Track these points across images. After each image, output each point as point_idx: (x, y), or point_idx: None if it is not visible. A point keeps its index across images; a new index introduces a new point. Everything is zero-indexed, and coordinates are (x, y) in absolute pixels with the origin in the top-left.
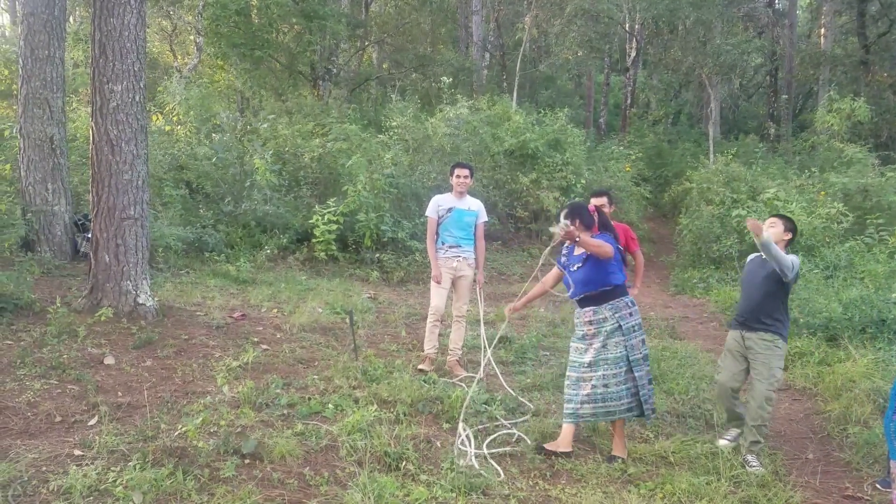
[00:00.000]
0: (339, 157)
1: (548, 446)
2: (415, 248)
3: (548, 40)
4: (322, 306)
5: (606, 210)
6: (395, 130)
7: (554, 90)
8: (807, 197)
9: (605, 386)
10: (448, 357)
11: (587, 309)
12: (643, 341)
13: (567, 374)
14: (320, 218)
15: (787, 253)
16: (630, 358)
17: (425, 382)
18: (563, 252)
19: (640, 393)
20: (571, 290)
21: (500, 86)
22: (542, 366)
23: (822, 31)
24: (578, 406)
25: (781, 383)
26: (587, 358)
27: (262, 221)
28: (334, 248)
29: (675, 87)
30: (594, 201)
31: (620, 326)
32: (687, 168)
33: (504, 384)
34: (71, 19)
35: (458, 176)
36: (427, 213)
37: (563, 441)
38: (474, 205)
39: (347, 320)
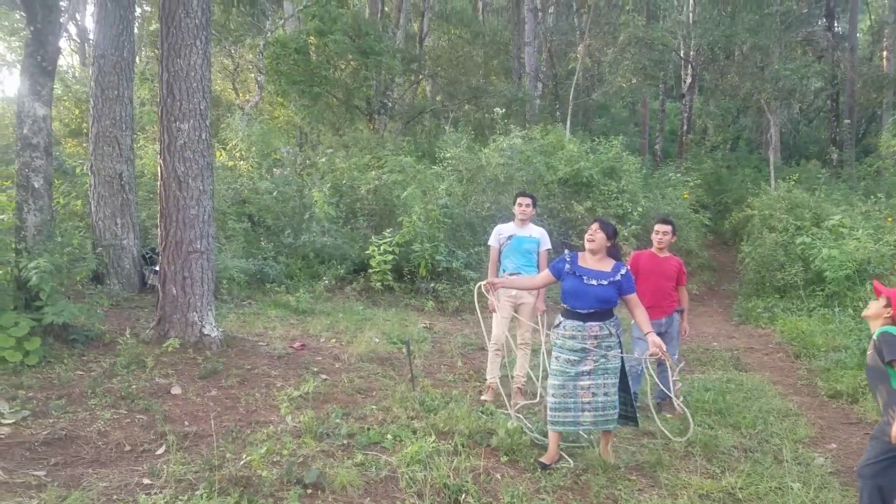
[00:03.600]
0: (395, 188)
1: (544, 460)
2: (469, 278)
3: (601, 69)
4: (379, 336)
5: (670, 238)
6: (449, 161)
7: (608, 118)
8: (873, 223)
9: (606, 394)
10: (512, 385)
11: (593, 324)
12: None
13: (551, 382)
14: (376, 248)
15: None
16: (624, 369)
17: (483, 413)
18: (567, 259)
19: (631, 401)
20: (581, 301)
21: (553, 115)
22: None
23: (885, 53)
24: (579, 414)
25: None
26: (585, 367)
27: (320, 252)
28: (390, 278)
29: (733, 112)
30: (658, 228)
31: (619, 342)
32: (747, 194)
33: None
34: (138, 60)
35: (520, 204)
36: (489, 243)
37: (553, 450)
38: (535, 232)
39: (404, 350)
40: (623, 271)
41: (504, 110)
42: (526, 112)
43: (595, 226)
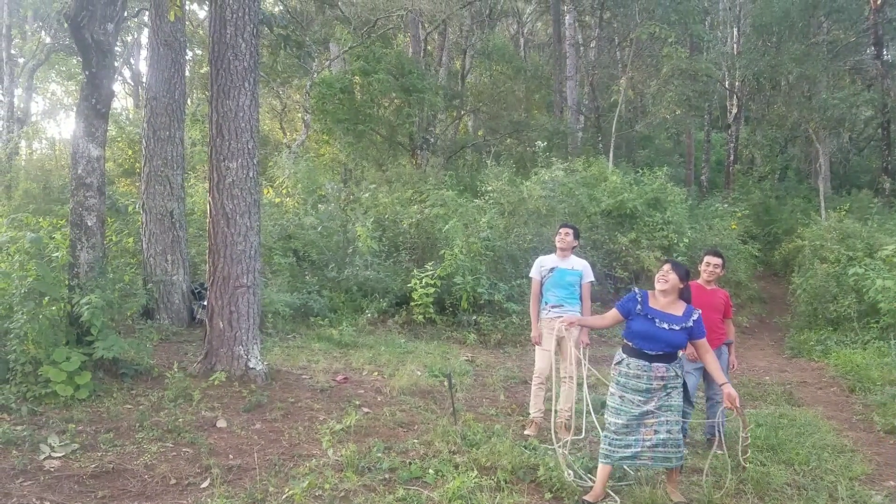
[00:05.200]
0: (437, 222)
1: (589, 498)
2: (511, 311)
3: (644, 100)
4: (421, 369)
5: (720, 272)
6: (491, 195)
7: (652, 149)
8: None
9: (668, 432)
10: (556, 420)
11: (660, 365)
12: None
13: (612, 420)
14: (418, 282)
15: None
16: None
17: (526, 448)
18: (638, 299)
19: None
20: (650, 344)
21: (595, 147)
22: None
23: None
24: (639, 450)
25: None
26: (649, 407)
27: (363, 286)
28: (432, 310)
29: (781, 142)
30: (709, 260)
31: (684, 382)
32: (797, 225)
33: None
34: (189, 101)
35: (561, 235)
36: (531, 275)
37: (600, 487)
38: (578, 264)
39: (446, 383)
40: (695, 317)
41: (546, 143)
42: (568, 145)
43: (667, 267)
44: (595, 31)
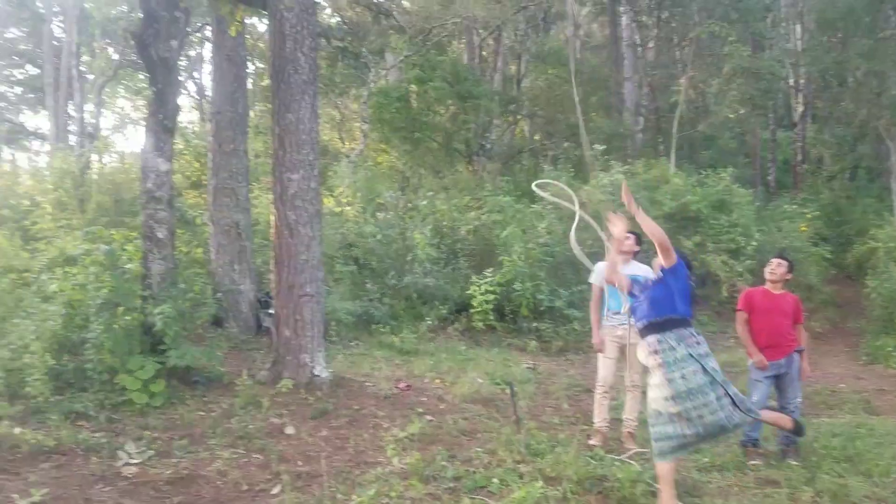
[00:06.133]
0: (495, 228)
1: None
2: (573, 317)
3: (706, 100)
4: (482, 377)
5: (783, 274)
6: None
7: (715, 150)
8: None
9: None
10: (623, 430)
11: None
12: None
13: (665, 410)
14: (478, 288)
15: None
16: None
17: (592, 459)
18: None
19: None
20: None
21: (656, 149)
22: (719, 443)
23: None
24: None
25: None
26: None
27: (422, 293)
28: (492, 317)
29: (850, 140)
30: (773, 262)
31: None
32: (870, 226)
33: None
34: (252, 114)
35: (623, 241)
36: (591, 281)
37: (667, 494)
38: (640, 270)
39: (508, 391)
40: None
41: (604, 146)
42: (627, 147)
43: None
44: (653, 31)
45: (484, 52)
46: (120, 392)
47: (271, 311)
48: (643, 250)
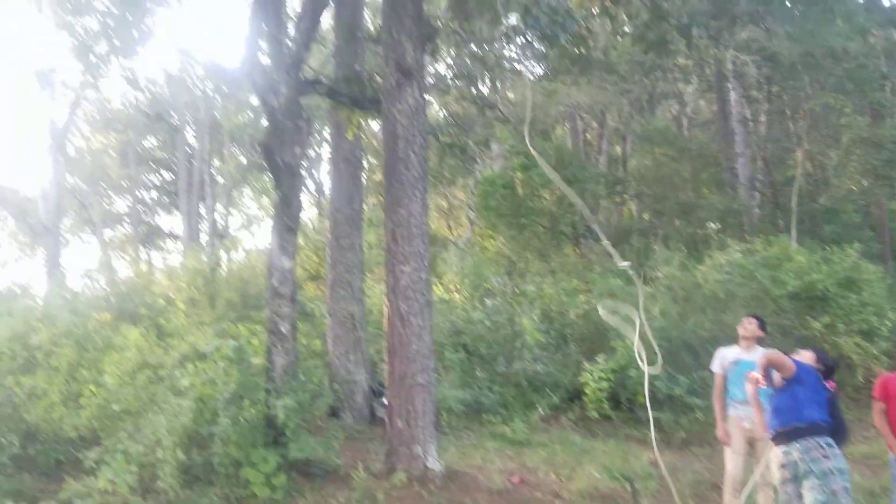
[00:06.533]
0: None
1: None
2: (695, 406)
3: (825, 172)
4: (599, 470)
5: None
6: (662, 280)
7: (838, 224)
8: None
9: None
10: None
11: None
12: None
13: None
14: (590, 375)
15: None
16: None
17: None
18: None
19: None
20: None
21: (774, 224)
22: None
23: None
24: None
25: None
26: None
27: (532, 380)
28: (606, 406)
29: None
30: None
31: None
32: None
33: None
34: (365, 207)
35: (744, 325)
36: (712, 368)
37: None
38: None
39: (629, 488)
40: None
41: (718, 224)
42: (743, 224)
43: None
44: (764, 105)
45: (588, 135)
46: (244, 485)
47: (385, 400)
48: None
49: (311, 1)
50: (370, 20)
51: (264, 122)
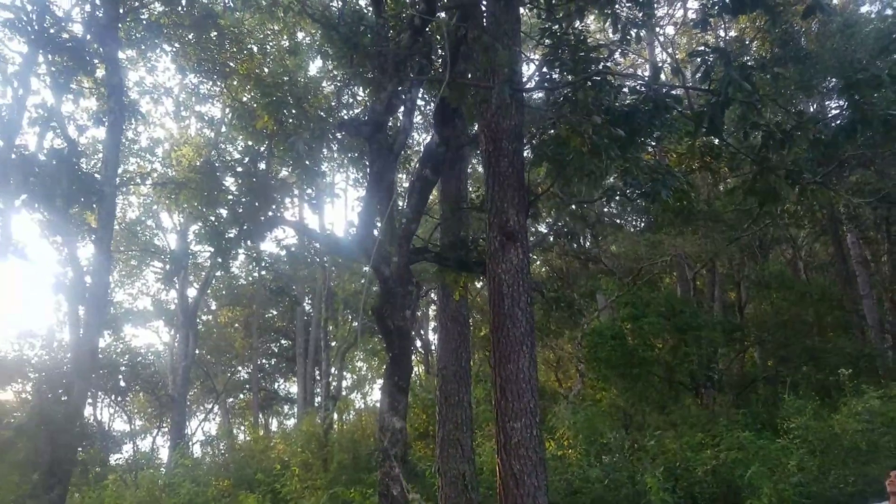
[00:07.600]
0: (736, 467)
1: None
2: None
3: None
4: None
5: None
6: (796, 432)
7: None
8: None
9: None
10: None
11: None
12: None
13: None
14: None
15: None
16: None
17: None
18: None
19: None
20: None
21: None
22: None
23: None
24: None
25: None
26: None
27: None
28: None
29: None
30: None
31: None
32: None
33: None
34: (471, 362)
35: (892, 479)
36: None
37: None
38: None
39: None
40: None
41: (850, 370)
42: (877, 368)
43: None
44: (884, 244)
45: (698, 283)
46: None
47: None
48: None
49: (421, 179)
50: (472, 189)
51: (376, 289)
